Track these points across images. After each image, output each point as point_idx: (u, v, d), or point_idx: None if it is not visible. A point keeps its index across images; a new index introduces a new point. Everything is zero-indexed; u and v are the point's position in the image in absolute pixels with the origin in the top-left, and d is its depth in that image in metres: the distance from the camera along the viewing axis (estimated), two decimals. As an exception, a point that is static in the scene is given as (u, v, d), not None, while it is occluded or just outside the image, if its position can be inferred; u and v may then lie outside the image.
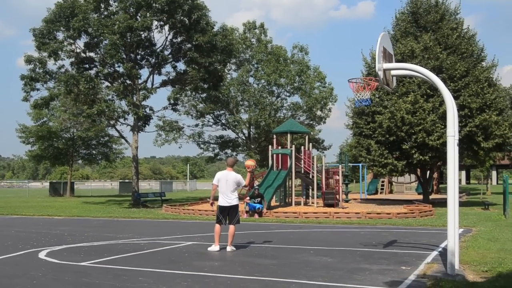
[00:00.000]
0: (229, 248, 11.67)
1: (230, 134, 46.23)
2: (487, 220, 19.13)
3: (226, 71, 39.79)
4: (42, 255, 11.23)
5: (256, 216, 21.73)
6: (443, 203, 27.46)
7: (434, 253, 11.16)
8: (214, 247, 11.70)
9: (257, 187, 24.56)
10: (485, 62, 27.57)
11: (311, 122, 45.25)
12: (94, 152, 53.19)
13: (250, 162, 13.19)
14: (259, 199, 22.56)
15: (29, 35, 31.44)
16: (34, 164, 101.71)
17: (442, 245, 12.10)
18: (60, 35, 30.03)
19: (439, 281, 7.99)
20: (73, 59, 30.58)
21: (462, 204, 28.40)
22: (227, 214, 11.79)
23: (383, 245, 12.55)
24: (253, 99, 41.90)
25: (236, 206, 11.89)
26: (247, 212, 22.03)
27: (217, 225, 11.81)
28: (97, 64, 31.42)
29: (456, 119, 9.23)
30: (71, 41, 29.99)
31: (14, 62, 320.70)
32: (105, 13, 30.39)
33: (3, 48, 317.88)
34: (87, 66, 31.30)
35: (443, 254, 10.44)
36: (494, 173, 69.90)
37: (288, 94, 43.73)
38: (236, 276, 8.75)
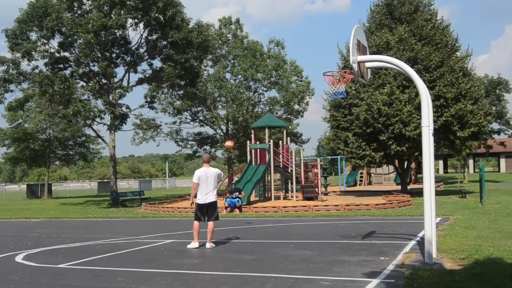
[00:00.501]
0: (208, 245, 11.66)
1: (208, 130, 46.16)
2: (464, 208, 19.34)
3: (203, 67, 39.65)
4: (19, 258, 11.08)
5: (237, 211, 21.71)
6: (421, 192, 27.57)
7: (412, 242, 11.25)
8: (194, 244, 11.67)
9: (233, 182, 24.55)
10: (460, 52, 27.85)
11: (289, 116, 45.34)
12: (71, 152, 52.65)
13: (229, 143, 13.07)
14: (236, 193, 22.52)
15: (1, 36, 30.89)
16: (11, 167, 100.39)
17: (420, 234, 12.19)
18: (33, 35, 29.64)
19: (417, 270, 8.05)
20: (47, 60, 30.19)
21: (439, 193, 28.72)
22: (206, 211, 11.74)
23: (362, 236, 12.62)
24: (230, 95, 41.82)
25: (215, 203, 11.80)
26: (226, 208, 22.00)
27: (196, 222, 11.79)
28: (72, 63, 31.03)
29: (431, 109, 9.30)
30: (45, 41, 29.58)
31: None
32: (79, 12, 30.00)
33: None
34: (61, 66, 30.86)
35: (421, 243, 10.50)
36: (471, 161, 70.79)
37: (265, 89, 43.80)
38: (216, 272, 8.72)
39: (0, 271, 9.63)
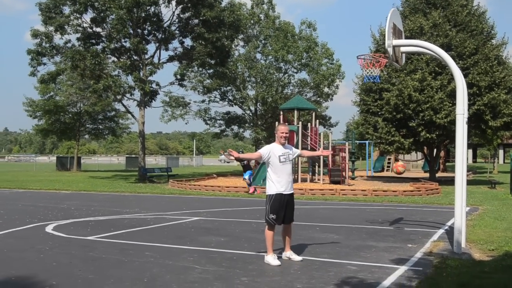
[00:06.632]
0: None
1: (236, 110, 46.20)
2: (494, 199, 19.09)
3: (234, 47, 39.57)
4: (49, 229, 11.28)
5: (251, 189, 21.47)
6: (449, 181, 27.42)
7: (441, 231, 11.14)
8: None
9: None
10: (495, 40, 27.28)
11: (318, 98, 45.06)
12: (100, 127, 53.22)
13: None
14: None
15: (35, 9, 31.11)
16: (41, 139, 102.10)
17: (449, 223, 12.08)
18: (67, 10, 29.91)
19: (446, 259, 7.97)
20: (79, 34, 30.40)
21: (468, 182, 28.20)
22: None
23: (389, 222, 12.54)
24: (260, 75, 41.69)
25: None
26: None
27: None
28: (103, 39, 31.24)
29: (466, 97, 9.13)
30: (78, 15, 29.81)
31: (22, 36, 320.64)
32: (112, -13, 30.11)
33: (12, 22, 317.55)
34: (93, 41, 31.10)
35: (449, 232, 10.41)
36: (501, 152, 69.62)
37: (295, 70, 43.49)
38: (242, 252, 8.75)
39: (31, 240, 9.81)
